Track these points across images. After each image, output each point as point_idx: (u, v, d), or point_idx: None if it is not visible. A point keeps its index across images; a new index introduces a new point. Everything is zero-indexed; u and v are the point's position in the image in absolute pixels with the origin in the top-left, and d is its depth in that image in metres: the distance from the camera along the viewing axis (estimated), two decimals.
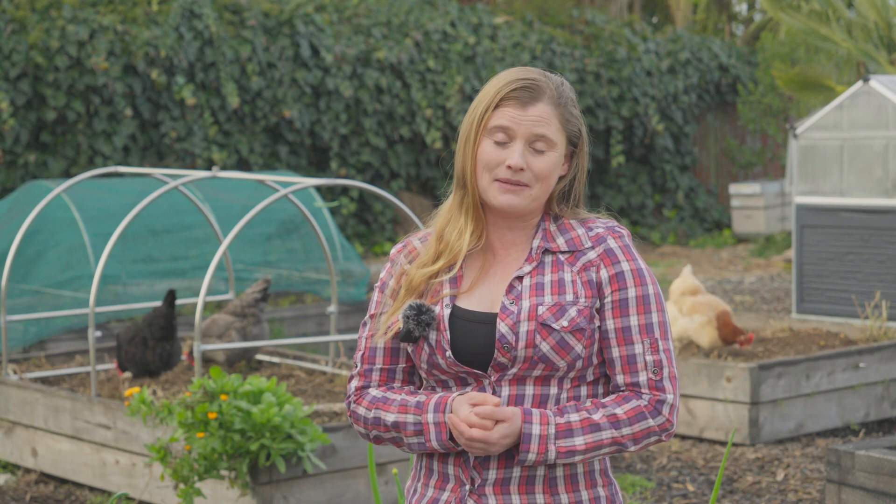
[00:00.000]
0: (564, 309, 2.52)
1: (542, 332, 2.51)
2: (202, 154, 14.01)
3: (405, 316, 2.56)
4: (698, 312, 7.33)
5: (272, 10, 15.02)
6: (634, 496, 6.13)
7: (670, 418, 2.55)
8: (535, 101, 2.56)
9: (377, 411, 2.61)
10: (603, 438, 2.50)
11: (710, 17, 23.08)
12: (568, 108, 2.59)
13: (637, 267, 2.56)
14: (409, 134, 15.70)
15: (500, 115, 2.56)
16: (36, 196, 8.73)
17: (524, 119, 2.54)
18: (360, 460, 5.60)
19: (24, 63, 12.94)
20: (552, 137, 2.56)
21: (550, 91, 2.58)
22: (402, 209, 6.25)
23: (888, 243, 9.24)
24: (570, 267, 2.56)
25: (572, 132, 2.60)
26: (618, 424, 2.51)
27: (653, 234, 17.72)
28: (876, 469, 4.82)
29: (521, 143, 2.55)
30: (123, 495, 3.92)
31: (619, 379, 2.55)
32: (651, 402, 2.54)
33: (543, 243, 2.59)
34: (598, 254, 2.57)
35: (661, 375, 2.54)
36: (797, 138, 9.82)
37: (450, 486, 2.60)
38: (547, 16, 18.63)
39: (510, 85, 2.56)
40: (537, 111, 2.55)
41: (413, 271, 2.63)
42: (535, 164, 2.55)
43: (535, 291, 2.55)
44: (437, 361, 2.57)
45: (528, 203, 2.57)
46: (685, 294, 7.51)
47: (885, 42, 14.40)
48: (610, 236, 2.58)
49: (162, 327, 6.54)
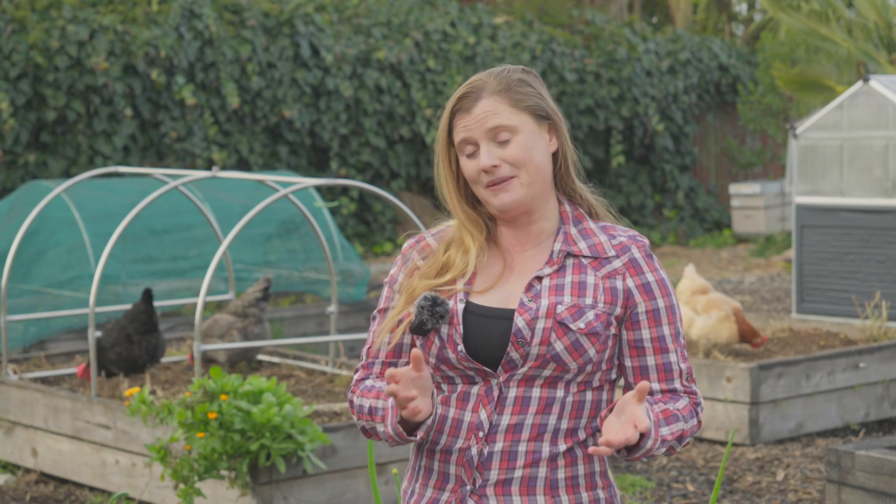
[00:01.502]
0: (583, 311, 2.53)
1: (559, 330, 2.51)
2: (202, 154, 14.02)
3: (419, 306, 2.55)
4: (715, 308, 7.29)
5: (272, 10, 15.02)
6: (634, 496, 6.12)
7: (701, 421, 2.64)
8: (477, 100, 2.58)
9: (362, 399, 2.63)
10: (678, 429, 2.56)
11: (710, 17, 23.08)
12: (514, 89, 2.59)
13: (661, 277, 2.60)
14: (409, 134, 15.70)
15: (457, 131, 2.59)
16: (36, 196, 8.73)
17: (473, 122, 2.57)
18: (360, 460, 5.60)
19: (24, 63, 12.94)
20: (508, 123, 2.56)
21: (490, 84, 2.59)
22: (402, 209, 6.25)
23: (888, 243, 9.24)
24: (595, 272, 2.57)
25: (534, 108, 2.59)
26: (684, 418, 2.58)
27: (653, 234, 17.73)
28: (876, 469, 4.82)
29: (484, 143, 2.56)
30: (123, 495, 3.92)
31: (655, 386, 2.60)
32: (690, 403, 2.62)
33: (565, 247, 2.60)
34: (623, 263, 2.58)
35: (692, 382, 2.63)
36: (797, 138, 9.82)
37: (450, 486, 2.59)
38: (547, 16, 18.63)
39: (453, 102, 2.61)
40: (480, 108, 2.57)
41: (416, 281, 2.63)
42: (506, 154, 2.56)
43: (555, 291, 2.55)
44: (448, 356, 2.56)
45: (525, 192, 2.57)
46: (696, 293, 7.46)
47: (885, 42, 14.41)
48: (634, 245, 2.60)
49: (144, 322, 6.58)
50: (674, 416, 2.55)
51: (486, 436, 2.55)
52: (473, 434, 2.55)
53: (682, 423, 2.56)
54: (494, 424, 2.54)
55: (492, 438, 2.55)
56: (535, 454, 2.54)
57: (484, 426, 2.54)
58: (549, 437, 2.55)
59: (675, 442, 2.56)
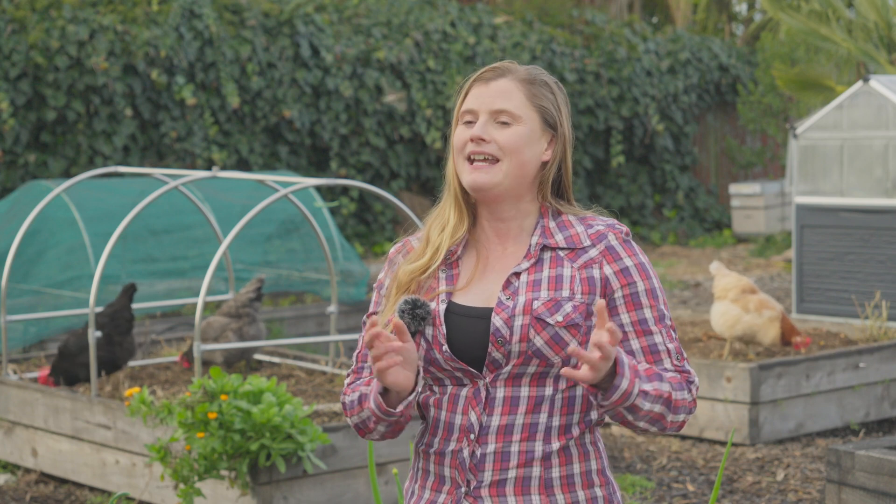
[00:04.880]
0: (560, 304, 2.52)
1: (537, 326, 2.51)
2: (202, 154, 14.01)
3: (400, 310, 2.56)
4: (767, 308, 7.21)
5: (272, 10, 15.02)
6: (634, 496, 6.12)
7: (695, 398, 2.58)
8: (499, 77, 2.60)
9: (352, 395, 2.64)
10: (664, 391, 2.48)
11: (710, 17, 23.07)
12: (538, 87, 2.60)
13: (640, 261, 2.58)
14: (409, 134, 15.70)
15: (468, 100, 2.61)
16: (36, 196, 8.73)
17: (486, 94, 2.58)
18: (360, 460, 5.60)
19: (24, 63, 12.94)
20: (515, 111, 2.57)
21: (517, 71, 2.61)
22: (402, 209, 6.25)
23: (888, 243, 9.24)
24: (571, 263, 2.57)
25: (546, 112, 2.60)
26: (671, 385, 2.52)
27: (653, 234, 17.73)
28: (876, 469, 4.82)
29: (484, 116, 2.58)
30: (123, 495, 3.92)
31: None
32: (683, 379, 2.56)
33: (542, 240, 2.59)
34: (600, 251, 2.57)
35: (683, 361, 2.58)
36: (797, 138, 9.82)
37: (446, 487, 2.60)
38: (547, 16, 18.63)
39: (477, 74, 2.63)
40: (499, 85, 2.58)
41: (399, 269, 2.64)
42: (500, 136, 2.57)
43: (532, 287, 2.55)
44: (434, 357, 2.57)
45: (500, 179, 2.56)
46: (745, 292, 7.28)
47: (885, 42, 14.40)
48: (611, 232, 2.59)
49: (127, 320, 6.60)
50: (657, 375, 2.50)
51: (477, 437, 2.55)
52: (465, 436, 2.56)
53: (666, 385, 2.49)
54: (485, 426, 2.54)
55: (483, 440, 2.55)
56: (528, 454, 2.54)
57: (474, 428, 2.55)
58: (541, 435, 2.54)
59: (660, 405, 2.48)
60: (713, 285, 7.50)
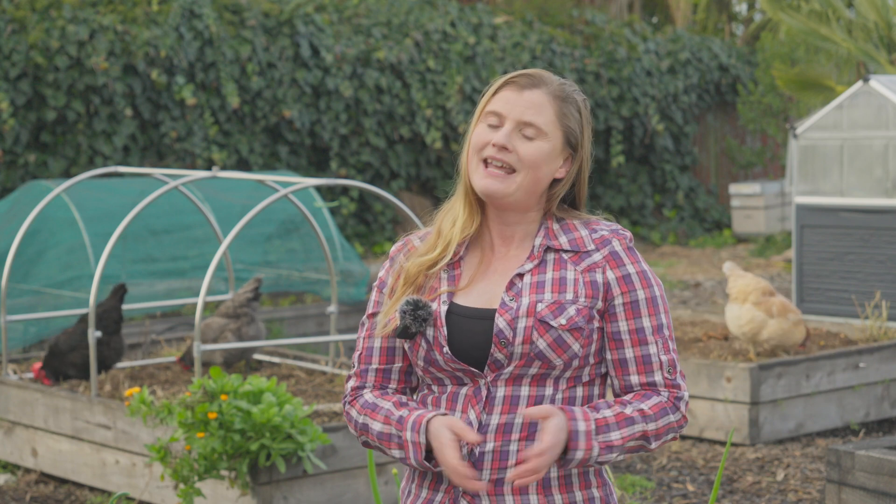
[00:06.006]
0: (563, 307, 2.52)
1: (540, 328, 2.51)
2: (202, 154, 14.01)
3: (401, 311, 2.56)
4: (790, 311, 7.14)
5: (272, 10, 15.02)
6: (634, 496, 6.12)
7: (685, 414, 2.58)
8: (534, 87, 2.58)
9: (366, 418, 2.62)
10: (636, 432, 2.50)
11: (710, 17, 23.07)
12: (568, 106, 2.60)
13: (642, 269, 2.58)
14: (409, 134, 15.69)
15: (496, 100, 2.59)
16: (36, 196, 8.73)
17: (517, 102, 2.56)
18: (360, 460, 5.60)
19: (24, 63, 12.94)
20: (542, 126, 2.56)
21: (553, 85, 2.59)
22: (402, 209, 6.25)
23: (888, 243, 9.24)
24: (574, 266, 2.57)
25: (570, 132, 2.60)
26: (646, 419, 2.52)
27: (653, 234, 17.73)
28: (876, 469, 4.82)
29: (510, 125, 2.56)
30: (123, 495, 3.92)
31: (635, 379, 2.56)
32: (670, 398, 2.56)
33: (546, 241, 2.59)
34: (604, 255, 2.57)
35: (675, 374, 2.57)
36: (797, 138, 9.82)
37: (443, 486, 2.60)
38: (547, 16, 18.62)
39: (511, 75, 2.61)
40: (532, 96, 2.57)
41: (409, 262, 2.63)
42: (522, 149, 2.56)
43: (536, 289, 2.54)
44: (435, 358, 2.57)
45: (513, 191, 2.56)
46: (766, 294, 7.19)
47: (885, 42, 14.40)
48: (615, 238, 2.59)
49: (116, 321, 6.60)
50: (629, 419, 2.50)
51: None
52: None
53: (639, 426, 2.50)
54: (484, 424, 2.54)
55: (482, 439, 2.54)
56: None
57: (473, 427, 2.54)
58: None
59: (635, 442, 2.51)
60: (728, 286, 7.39)
